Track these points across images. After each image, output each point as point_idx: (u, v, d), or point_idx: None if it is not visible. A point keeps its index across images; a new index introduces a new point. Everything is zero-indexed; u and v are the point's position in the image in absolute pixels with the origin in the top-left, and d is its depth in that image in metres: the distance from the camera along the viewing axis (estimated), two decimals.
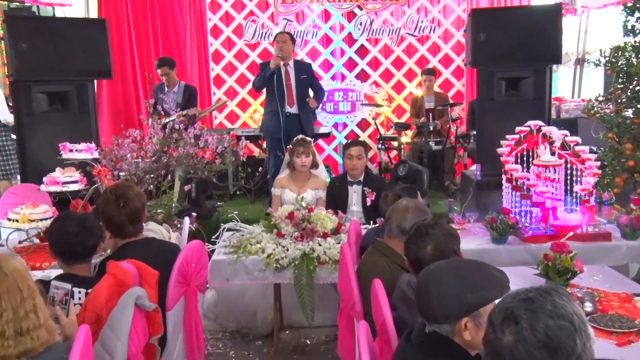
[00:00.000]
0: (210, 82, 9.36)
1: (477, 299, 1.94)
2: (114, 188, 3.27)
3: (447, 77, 9.21)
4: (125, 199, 3.15)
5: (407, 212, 3.18)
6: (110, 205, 3.16)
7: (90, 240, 2.90)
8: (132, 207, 3.16)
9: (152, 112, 5.54)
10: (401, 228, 3.15)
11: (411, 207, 3.22)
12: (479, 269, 2.06)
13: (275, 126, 6.61)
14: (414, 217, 3.12)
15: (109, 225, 3.18)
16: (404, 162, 6.88)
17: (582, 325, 1.52)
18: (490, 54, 5.75)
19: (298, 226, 4.22)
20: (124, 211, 3.14)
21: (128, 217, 3.14)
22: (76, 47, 5.70)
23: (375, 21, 9.14)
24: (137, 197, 3.20)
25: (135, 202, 3.17)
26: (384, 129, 8.96)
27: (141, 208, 3.21)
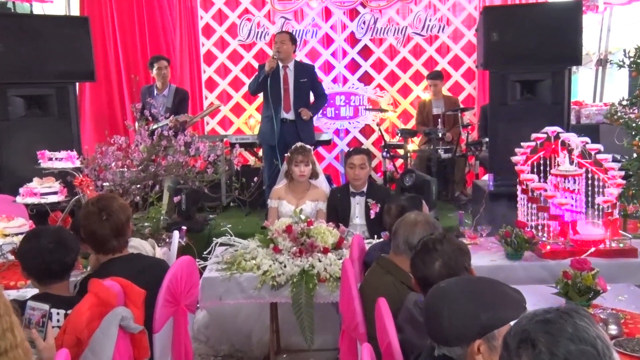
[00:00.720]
0: (202, 85, 9.36)
1: (492, 319, 1.92)
2: (96, 200, 3.25)
3: (457, 79, 9.21)
4: (108, 212, 3.13)
5: (416, 227, 3.17)
6: (92, 218, 3.14)
7: (68, 256, 2.88)
8: (116, 220, 3.14)
9: (139, 118, 5.53)
10: (409, 244, 3.13)
11: (420, 221, 3.20)
12: (493, 287, 2.04)
13: (270, 132, 6.61)
14: (423, 231, 3.11)
15: (91, 240, 3.16)
16: (411, 172, 6.86)
17: (606, 350, 1.50)
18: (504, 55, 5.76)
19: (296, 241, 4.21)
20: (107, 225, 3.12)
21: (112, 231, 3.12)
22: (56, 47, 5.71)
23: (379, 20, 9.15)
24: (122, 210, 3.18)
25: (120, 215, 3.15)
26: (389, 135, 8.95)
27: (126, 221, 3.19)
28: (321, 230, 4.27)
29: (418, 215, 3.28)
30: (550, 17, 5.79)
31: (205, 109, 8.61)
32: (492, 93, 6.03)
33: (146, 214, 4.92)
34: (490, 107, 6.12)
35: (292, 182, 5.37)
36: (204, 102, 9.32)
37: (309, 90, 6.78)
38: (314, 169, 5.38)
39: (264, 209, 6.65)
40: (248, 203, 7.09)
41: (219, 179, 6.56)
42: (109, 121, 9.14)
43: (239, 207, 7.61)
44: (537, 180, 4.35)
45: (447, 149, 7.78)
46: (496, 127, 5.97)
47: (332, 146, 9.08)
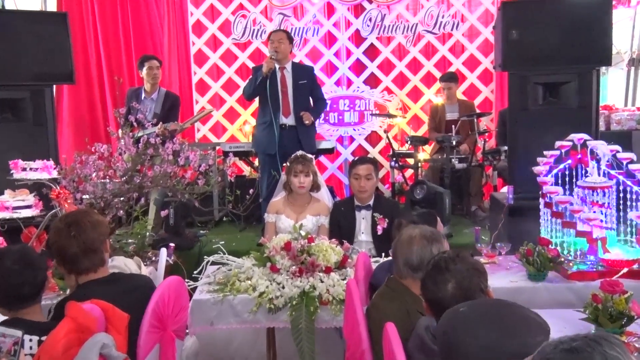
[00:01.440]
0: (192, 88, 9.38)
1: (520, 346, 1.89)
2: (66, 215, 3.26)
3: (473, 82, 9.21)
4: (77, 228, 3.12)
5: (412, 244, 3.17)
6: (60, 234, 3.13)
7: (37, 277, 2.87)
8: (85, 237, 3.12)
9: (123, 124, 5.52)
10: (409, 264, 3.14)
11: (415, 236, 3.20)
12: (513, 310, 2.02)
13: (268, 141, 6.60)
14: (420, 248, 3.13)
15: (60, 259, 3.16)
16: (422, 183, 6.86)
17: None
18: (525, 55, 5.74)
19: (296, 259, 4.19)
20: (75, 242, 3.10)
21: (80, 249, 3.11)
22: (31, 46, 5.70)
23: (387, 16, 9.17)
24: (93, 226, 3.16)
25: (89, 232, 3.13)
26: (397, 143, 8.94)
27: (97, 238, 3.16)
28: (323, 247, 4.25)
29: (412, 230, 3.28)
30: (577, 12, 5.77)
31: (195, 115, 8.59)
32: (512, 97, 6.00)
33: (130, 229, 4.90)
34: (509, 112, 6.09)
35: (292, 194, 5.37)
36: (195, 106, 9.32)
37: (309, 93, 6.78)
38: (316, 180, 5.38)
39: (260, 224, 6.65)
40: (243, 218, 7.10)
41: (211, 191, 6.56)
42: (90, 127, 9.15)
43: (232, 222, 7.60)
44: (562, 193, 4.33)
45: (461, 159, 7.77)
46: (516, 134, 5.94)
47: (335, 155, 9.07)
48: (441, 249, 3.14)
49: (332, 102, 9.19)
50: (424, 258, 3.07)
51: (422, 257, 3.10)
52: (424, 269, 2.99)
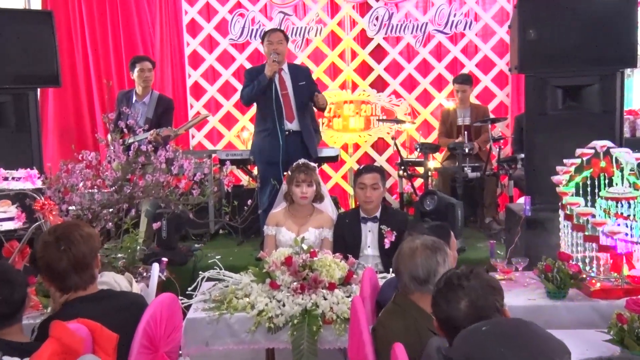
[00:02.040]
0: (186, 92, 9.39)
1: None
2: (54, 228, 3.24)
3: (487, 85, 9.21)
4: (67, 242, 3.11)
5: (415, 257, 3.18)
6: (49, 249, 3.12)
7: (15, 294, 2.86)
8: (77, 252, 3.11)
9: (113, 130, 5.51)
10: (415, 278, 3.14)
11: (417, 247, 3.21)
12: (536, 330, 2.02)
13: (272, 148, 6.57)
14: (425, 258, 3.14)
15: (48, 275, 3.14)
16: (432, 194, 6.83)
17: None
18: (543, 56, 5.73)
19: (297, 275, 4.19)
20: (66, 257, 3.09)
21: (71, 265, 3.10)
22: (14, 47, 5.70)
23: (395, 15, 9.18)
24: (85, 240, 3.16)
25: (81, 246, 3.13)
26: (406, 151, 8.94)
27: (89, 253, 3.16)
28: (326, 262, 4.25)
29: (411, 243, 3.28)
30: (599, 9, 5.75)
31: (190, 120, 8.57)
32: (529, 101, 5.99)
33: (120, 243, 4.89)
34: (526, 118, 6.08)
35: (293, 205, 5.37)
36: (189, 111, 9.34)
37: (309, 94, 6.76)
38: (319, 190, 5.38)
39: (259, 237, 6.63)
40: (240, 230, 7.08)
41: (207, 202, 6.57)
42: (77, 134, 9.17)
43: (229, 235, 7.59)
44: (584, 205, 4.31)
45: (475, 167, 7.75)
46: (533, 141, 5.93)
47: (340, 163, 9.06)
48: (446, 258, 3.19)
49: (337, 107, 9.19)
50: (431, 269, 3.12)
51: (428, 269, 3.13)
52: (431, 281, 3.00)
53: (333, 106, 9.16)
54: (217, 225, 7.78)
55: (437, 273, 3.08)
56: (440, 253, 3.17)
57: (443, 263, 3.15)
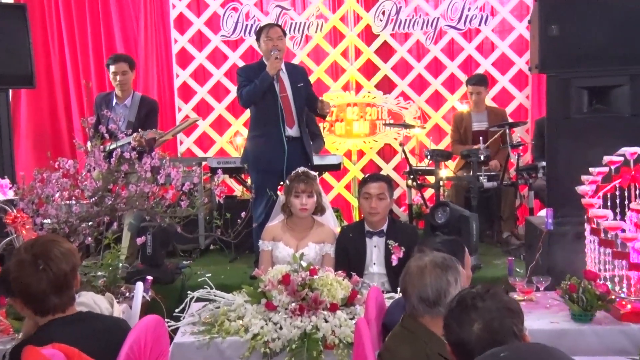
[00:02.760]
0: (174, 94, 9.40)
1: None
2: (31, 244, 3.21)
3: (505, 86, 9.22)
4: (47, 259, 3.09)
5: (424, 276, 3.17)
6: (25, 268, 3.09)
7: None
8: (57, 270, 3.09)
9: (92, 135, 5.51)
10: (424, 300, 3.14)
11: (426, 265, 3.20)
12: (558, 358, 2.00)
13: (273, 156, 6.54)
14: (434, 278, 3.14)
15: (24, 297, 3.11)
16: (444, 205, 6.83)
17: None
18: (566, 54, 5.73)
19: (296, 294, 4.19)
20: (46, 277, 3.07)
21: (51, 285, 3.08)
22: None
23: (403, 9, 9.19)
24: (65, 257, 3.14)
25: (61, 264, 3.11)
26: (415, 158, 8.94)
27: (70, 271, 3.15)
28: (328, 281, 4.25)
29: (419, 260, 3.28)
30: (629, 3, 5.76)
31: (178, 124, 8.57)
32: (551, 103, 5.99)
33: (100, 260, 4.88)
34: (548, 122, 6.07)
35: (291, 218, 5.37)
36: (177, 115, 9.34)
37: (305, 97, 6.75)
38: (320, 202, 5.39)
39: (253, 253, 6.61)
40: (233, 246, 7.07)
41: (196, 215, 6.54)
42: (52, 139, 9.18)
43: (221, 251, 7.59)
44: (612, 218, 4.31)
45: (491, 176, 7.75)
46: (556, 148, 5.93)
47: (343, 172, 9.07)
48: (458, 277, 3.18)
49: (339, 110, 9.19)
50: (441, 289, 3.11)
51: (438, 289, 3.12)
52: (442, 302, 2.99)
53: (335, 109, 9.16)
54: (208, 240, 7.77)
55: (448, 294, 3.07)
56: (451, 272, 3.16)
57: (455, 283, 3.14)
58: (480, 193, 7.59)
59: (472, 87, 8.50)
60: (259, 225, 6.20)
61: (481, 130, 8.29)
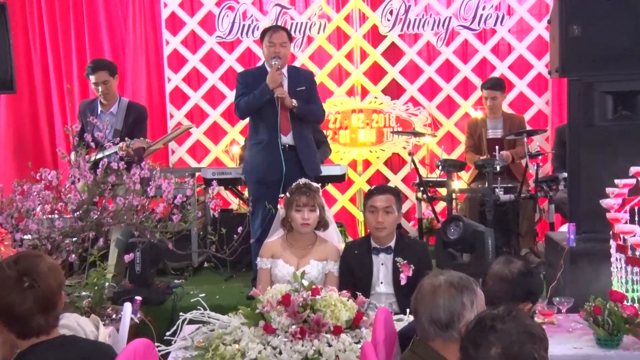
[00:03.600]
0: (165, 99, 9.40)
1: None
2: (14, 259, 3.19)
3: (522, 90, 9.22)
4: (33, 276, 3.08)
5: (436, 296, 3.15)
6: (9, 287, 3.08)
7: None
8: (44, 287, 3.08)
9: (77, 144, 5.51)
10: (436, 322, 3.11)
11: (440, 284, 3.18)
12: None
13: (268, 164, 6.55)
14: (448, 298, 3.11)
15: (6, 318, 3.09)
16: (457, 220, 6.81)
17: None
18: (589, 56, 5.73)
19: (297, 316, 4.17)
20: (32, 295, 3.06)
21: (37, 304, 3.07)
22: None
23: (413, 8, 9.20)
24: (52, 273, 3.13)
25: (49, 280, 3.09)
26: (425, 169, 8.93)
27: (57, 289, 3.14)
28: (331, 301, 4.24)
29: (434, 279, 3.25)
30: None
31: (170, 132, 8.58)
32: (572, 109, 5.98)
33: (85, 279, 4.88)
34: (569, 129, 6.07)
35: (292, 233, 5.36)
36: (169, 122, 9.33)
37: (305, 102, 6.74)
38: (323, 216, 5.38)
39: (250, 271, 6.60)
40: (229, 263, 7.05)
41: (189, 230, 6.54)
42: (34, 149, 9.17)
43: (216, 269, 7.58)
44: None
45: (508, 188, 7.74)
46: (578, 158, 5.92)
47: (347, 183, 9.06)
48: (475, 300, 3.15)
49: (343, 117, 9.18)
50: (454, 312, 3.08)
51: (451, 311, 3.09)
52: (455, 326, 2.97)
53: (339, 116, 9.17)
54: (202, 258, 7.77)
55: (461, 317, 3.05)
56: (467, 293, 3.13)
57: (470, 306, 3.10)
58: (496, 206, 7.58)
59: (487, 92, 8.48)
60: (257, 241, 6.19)
61: (497, 138, 8.28)
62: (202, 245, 7.30)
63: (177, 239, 5.20)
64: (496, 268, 3.80)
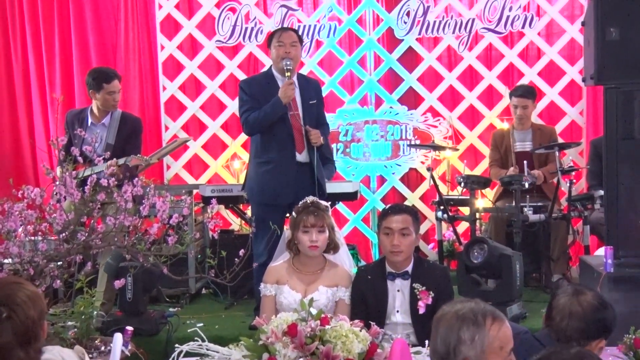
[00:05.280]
0: (160, 110, 9.41)
1: None
2: None
3: (553, 99, 9.20)
4: (12, 306, 3.08)
5: (440, 324, 3.18)
6: None
7: None
8: (24, 318, 3.09)
9: (63, 159, 5.52)
10: (435, 352, 3.15)
11: (448, 313, 3.19)
12: None
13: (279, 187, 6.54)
14: (447, 329, 3.13)
15: None
16: (481, 242, 6.81)
17: None
18: (628, 62, 5.74)
19: (304, 348, 4.17)
20: (10, 326, 3.06)
21: (16, 337, 3.07)
22: None
23: (432, 10, 9.20)
24: (32, 302, 3.13)
25: (29, 310, 3.10)
26: (446, 186, 8.92)
27: (38, 319, 3.14)
28: (342, 332, 4.23)
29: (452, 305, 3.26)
30: None
31: (165, 146, 8.58)
32: (609, 120, 5.98)
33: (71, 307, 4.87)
34: (606, 143, 6.06)
35: (298, 257, 5.37)
36: (164, 134, 9.34)
37: (315, 117, 6.74)
38: (332, 238, 5.37)
39: (253, 298, 6.60)
40: (229, 289, 7.04)
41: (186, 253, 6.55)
42: (15, 163, 9.19)
43: (215, 296, 7.58)
44: None
45: (538, 207, 7.73)
46: (616, 174, 5.92)
47: (360, 202, 9.07)
48: (477, 336, 3.10)
49: (355, 129, 9.18)
50: (449, 344, 3.09)
51: (447, 343, 3.11)
52: None
53: (351, 128, 9.16)
54: (199, 284, 7.76)
55: (458, 352, 3.05)
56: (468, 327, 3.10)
57: (470, 342, 3.07)
58: (524, 228, 7.57)
59: (517, 100, 8.46)
60: (261, 266, 6.18)
61: (525, 151, 8.26)
62: (200, 270, 7.29)
63: (173, 263, 5.21)
64: (563, 301, 3.75)
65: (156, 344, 6.08)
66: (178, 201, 6.36)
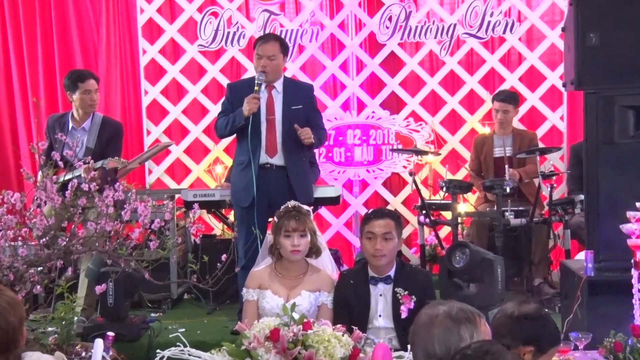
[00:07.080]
0: (141, 114, 9.39)
1: None
2: None
3: (534, 104, 9.23)
4: None
5: (432, 327, 3.15)
6: None
7: None
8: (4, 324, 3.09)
9: (44, 163, 5.49)
10: (430, 356, 3.12)
11: (438, 315, 3.18)
12: None
13: (240, 188, 6.57)
14: (444, 331, 3.12)
15: None
16: (463, 246, 6.81)
17: None
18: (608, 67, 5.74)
19: (286, 353, 4.18)
20: None
21: None
22: None
23: (414, 15, 9.21)
24: (12, 308, 3.13)
25: (9, 316, 3.09)
26: (428, 190, 8.93)
27: (18, 325, 3.12)
28: (325, 337, 4.25)
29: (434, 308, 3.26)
30: None
31: (147, 150, 8.58)
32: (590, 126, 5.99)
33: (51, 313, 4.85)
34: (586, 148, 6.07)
35: (281, 262, 5.37)
36: (145, 139, 9.32)
37: (304, 122, 6.73)
38: (315, 242, 5.37)
39: (236, 303, 6.59)
40: (212, 294, 7.03)
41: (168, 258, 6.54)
42: None
43: (197, 301, 7.56)
44: None
45: (519, 212, 7.74)
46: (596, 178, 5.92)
47: (342, 206, 9.07)
48: (476, 333, 3.13)
49: (338, 133, 9.19)
50: (450, 345, 3.07)
51: (447, 345, 3.09)
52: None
53: (333, 132, 9.15)
54: (181, 289, 7.75)
55: None
56: (465, 325, 3.12)
57: (469, 340, 3.09)
58: (506, 232, 7.59)
59: (499, 104, 8.47)
60: (243, 270, 6.18)
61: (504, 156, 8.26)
62: (182, 274, 7.29)
63: (154, 268, 5.19)
64: (508, 305, 3.80)
65: (138, 349, 6.08)
66: (160, 206, 6.36)
